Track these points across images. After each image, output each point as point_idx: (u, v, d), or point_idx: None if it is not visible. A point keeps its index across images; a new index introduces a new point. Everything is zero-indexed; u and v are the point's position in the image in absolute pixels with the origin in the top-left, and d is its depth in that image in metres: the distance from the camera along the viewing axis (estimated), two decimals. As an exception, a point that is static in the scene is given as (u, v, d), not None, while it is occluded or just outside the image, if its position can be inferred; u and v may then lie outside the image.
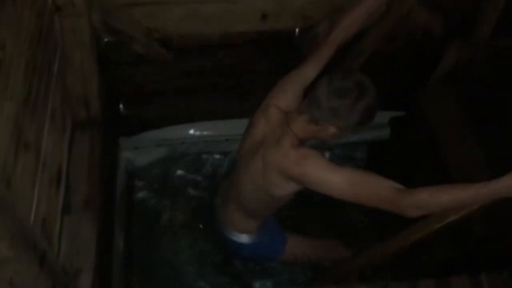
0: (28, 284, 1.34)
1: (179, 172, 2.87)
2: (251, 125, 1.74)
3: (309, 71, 1.70)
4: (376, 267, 1.89)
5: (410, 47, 2.43)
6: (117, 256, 2.28)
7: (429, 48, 2.40)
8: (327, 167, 1.46)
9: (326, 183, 1.45)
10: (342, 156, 2.90)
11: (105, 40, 2.34)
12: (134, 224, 2.68)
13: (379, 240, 1.76)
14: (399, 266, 2.40)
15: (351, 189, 1.40)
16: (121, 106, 2.57)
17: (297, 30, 2.43)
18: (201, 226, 2.67)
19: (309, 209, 2.62)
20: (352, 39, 2.24)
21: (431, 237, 1.61)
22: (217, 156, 2.90)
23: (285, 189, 1.61)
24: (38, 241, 1.34)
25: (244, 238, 1.95)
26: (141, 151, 2.74)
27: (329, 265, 2.18)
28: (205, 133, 2.72)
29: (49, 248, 1.47)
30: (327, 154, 2.88)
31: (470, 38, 2.28)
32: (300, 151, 1.52)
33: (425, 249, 2.16)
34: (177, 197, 2.80)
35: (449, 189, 1.28)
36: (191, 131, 2.71)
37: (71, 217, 1.85)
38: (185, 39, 2.34)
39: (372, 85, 1.47)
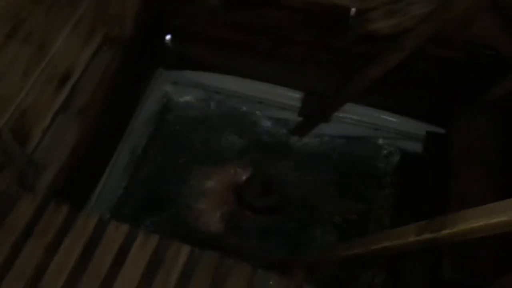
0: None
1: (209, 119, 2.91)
2: None
3: None
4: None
5: (469, 60, 2.15)
6: (115, 169, 2.43)
7: (491, 66, 2.11)
8: None
9: None
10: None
11: (163, -32, 2.40)
12: (152, 149, 2.80)
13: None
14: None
15: None
16: (168, 38, 2.64)
17: (353, 10, 2.28)
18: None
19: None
20: (396, 33, 2.07)
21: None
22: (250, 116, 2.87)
23: None
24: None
25: None
26: (179, 87, 2.82)
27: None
28: (240, 89, 2.71)
29: (11, 133, 1.60)
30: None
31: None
32: None
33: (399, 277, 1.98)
34: (199, 142, 2.85)
35: None
36: (228, 84, 2.72)
37: (64, 118, 1.98)
38: (236, -12, 2.31)
39: None
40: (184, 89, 2.84)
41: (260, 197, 2.44)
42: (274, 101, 2.70)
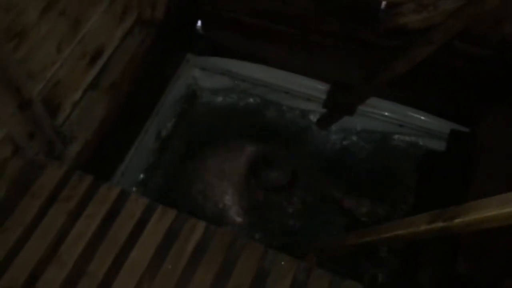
0: (3, 120, 1.55)
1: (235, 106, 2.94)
2: None
3: None
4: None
5: (500, 59, 2.12)
6: (139, 149, 2.49)
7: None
8: None
9: None
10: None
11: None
12: (177, 132, 2.86)
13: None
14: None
15: None
16: (198, 24, 2.69)
17: (384, 2, 2.27)
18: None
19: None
20: (425, 28, 2.06)
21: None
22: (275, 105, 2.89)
23: None
24: (25, 88, 1.54)
25: None
26: (207, 73, 2.86)
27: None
28: (267, 78, 2.73)
29: (43, 104, 1.67)
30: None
31: None
32: None
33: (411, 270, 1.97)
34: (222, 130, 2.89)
35: None
36: (255, 72, 2.74)
37: (94, 94, 2.05)
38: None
39: None
40: (212, 76, 2.88)
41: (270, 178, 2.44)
42: (299, 92, 2.72)
